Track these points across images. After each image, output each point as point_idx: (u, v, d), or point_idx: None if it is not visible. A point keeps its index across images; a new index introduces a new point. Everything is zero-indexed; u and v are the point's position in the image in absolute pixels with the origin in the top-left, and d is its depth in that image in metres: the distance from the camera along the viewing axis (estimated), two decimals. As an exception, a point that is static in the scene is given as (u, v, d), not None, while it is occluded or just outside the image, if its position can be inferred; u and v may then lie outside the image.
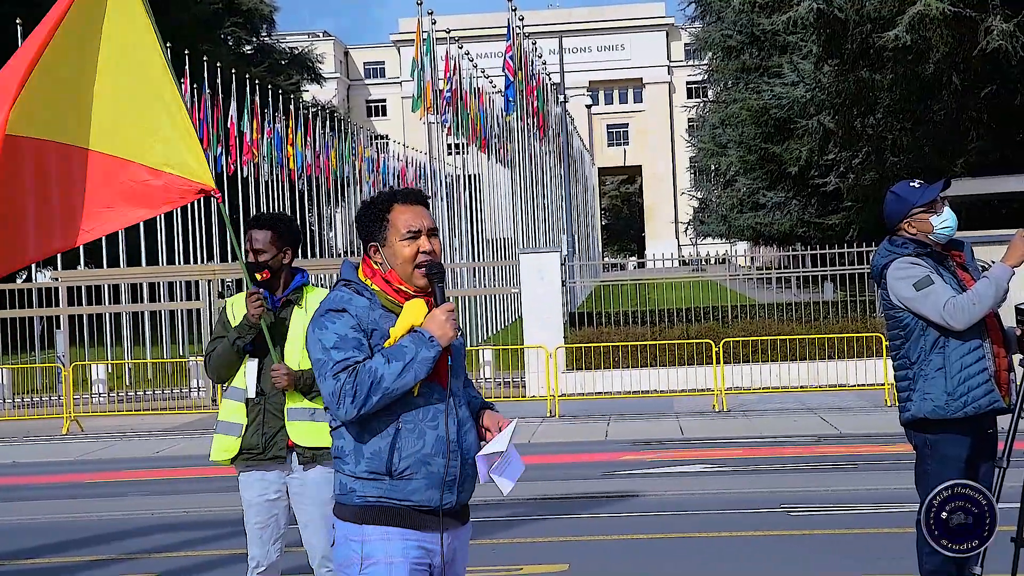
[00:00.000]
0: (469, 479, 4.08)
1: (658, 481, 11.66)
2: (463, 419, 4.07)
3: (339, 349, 3.95)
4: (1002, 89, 22.95)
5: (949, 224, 5.85)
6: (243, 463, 5.95)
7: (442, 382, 4.03)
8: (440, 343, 3.96)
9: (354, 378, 3.89)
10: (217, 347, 5.98)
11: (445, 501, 4.00)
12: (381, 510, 3.98)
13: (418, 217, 4.10)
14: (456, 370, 4.09)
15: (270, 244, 5.96)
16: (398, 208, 4.10)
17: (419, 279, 4.06)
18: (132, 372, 23.41)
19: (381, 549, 3.98)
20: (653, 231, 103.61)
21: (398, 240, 4.06)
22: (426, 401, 4.00)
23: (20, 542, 9.90)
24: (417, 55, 26.27)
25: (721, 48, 37.41)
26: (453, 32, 30.52)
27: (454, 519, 4.08)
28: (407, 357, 3.91)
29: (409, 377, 3.91)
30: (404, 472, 3.96)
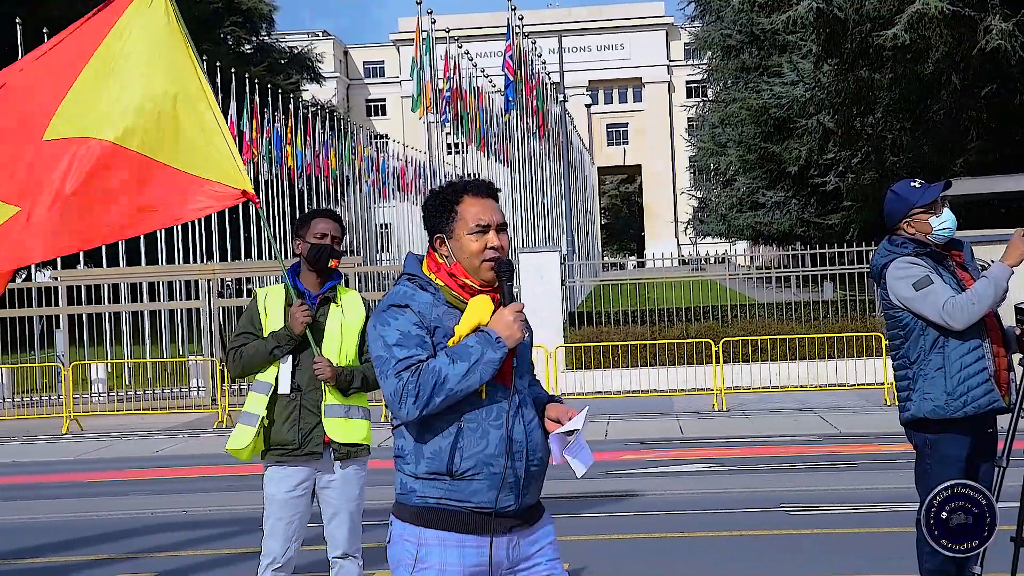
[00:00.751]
0: (534, 480, 3.94)
1: (658, 481, 11.66)
2: (528, 419, 3.94)
3: (401, 347, 3.83)
4: (1001, 89, 22.95)
5: (948, 225, 5.86)
6: (275, 458, 5.92)
7: (506, 381, 3.89)
8: (507, 344, 3.83)
9: (417, 378, 3.77)
10: (248, 347, 5.92)
11: (503, 504, 3.86)
12: (441, 513, 3.87)
13: (488, 211, 3.94)
14: (521, 368, 3.96)
15: (339, 233, 6.04)
16: (468, 200, 3.95)
17: (486, 272, 3.92)
18: (132, 372, 23.40)
19: (437, 555, 3.88)
20: (653, 231, 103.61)
21: (466, 233, 3.91)
22: (490, 400, 3.87)
23: (20, 542, 9.90)
24: (417, 55, 26.27)
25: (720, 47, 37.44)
26: (453, 31, 30.51)
27: (519, 522, 3.93)
28: (472, 358, 3.79)
29: (474, 379, 3.79)
30: (465, 473, 3.83)
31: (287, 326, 5.85)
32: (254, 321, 5.98)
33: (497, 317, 3.86)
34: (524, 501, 3.91)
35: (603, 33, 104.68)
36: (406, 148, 55.44)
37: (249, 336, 5.96)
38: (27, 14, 30.16)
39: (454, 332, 3.86)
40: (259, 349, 5.88)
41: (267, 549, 5.95)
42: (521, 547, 3.95)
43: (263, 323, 5.96)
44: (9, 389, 20.90)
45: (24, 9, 32.74)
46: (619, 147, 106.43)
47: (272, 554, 5.93)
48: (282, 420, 5.88)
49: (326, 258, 5.95)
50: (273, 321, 5.94)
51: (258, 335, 5.95)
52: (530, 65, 30.45)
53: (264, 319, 5.96)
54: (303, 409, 5.88)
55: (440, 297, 3.92)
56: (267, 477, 5.97)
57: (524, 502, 3.91)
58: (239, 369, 5.97)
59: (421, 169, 52.16)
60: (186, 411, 19.61)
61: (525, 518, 3.95)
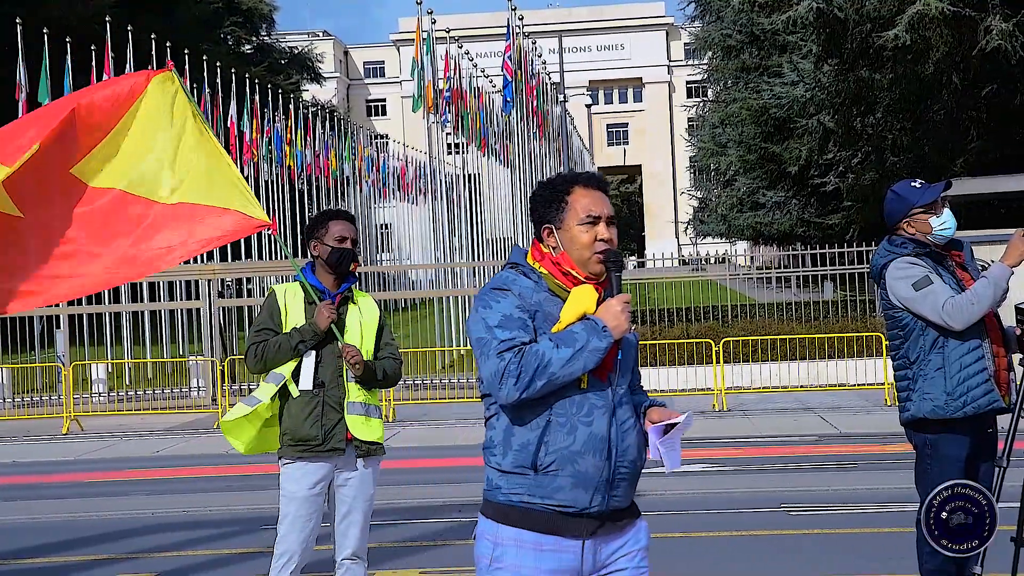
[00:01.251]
0: (623, 482, 3.85)
1: (658, 481, 11.66)
2: (622, 419, 3.83)
3: (503, 328, 3.76)
4: (1002, 89, 22.96)
5: (948, 226, 5.85)
6: (296, 454, 5.92)
7: (603, 377, 3.80)
8: (613, 334, 3.75)
9: (520, 359, 3.70)
10: (271, 342, 5.93)
11: (587, 504, 3.77)
12: (521, 512, 3.78)
13: (599, 203, 3.89)
14: (624, 367, 3.87)
15: (355, 235, 6.11)
16: (579, 191, 3.91)
17: (594, 265, 3.85)
18: (132, 372, 23.41)
19: (512, 555, 3.79)
20: (653, 231, 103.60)
21: (576, 224, 3.86)
22: (583, 395, 3.78)
23: (20, 542, 9.90)
24: (417, 55, 26.27)
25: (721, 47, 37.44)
26: (453, 31, 30.50)
27: (609, 524, 3.85)
28: (577, 344, 3.71)
29: (577, 366, 3.71)
30: (548, 467, 3.75)
31: (312, 322, 5.89)
32: (274, 317, 6.02)
33: (604, 307, 3.79)
34: (612, 503, 3.83)
35: (603, 33, 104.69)
36: (406, 148, 55.42)
37: (269, 332, 5.98)
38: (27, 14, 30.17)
39: (557, 318, 3.80)
40: (283, 344, 5.91)
41: (285, 547, 5.93)
42: (605, 551, 3.86)
43: (283, 320, 6.00)
44: (9, 389, 20.90)
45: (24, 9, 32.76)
46: (619, 147, 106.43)
47: (290, 552, 5.93)
48: (304, 416, 5.91)
49: (348, 262, 6.04)
50: (293, 318, 5.99)
51: (277, 331, 5.97)
52: (530, 65, 30.45)
53: (284, 316, 6.00)
54: (326, 406, 5.92)
55: (542, 284, 3.87)
56: (286, 474, 5.97)
57: (612, 504, 3.83)
58: (261, 364, 5.98)
59: (421, 169, 52.13)
60: (186, 411, 19.61)
61: (612, 521, 3.86)
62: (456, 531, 9.64)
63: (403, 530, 9.75)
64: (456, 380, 20.27)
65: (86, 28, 36.28)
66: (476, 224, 37.42)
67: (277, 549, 5.98)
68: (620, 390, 3.85)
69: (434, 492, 11.54)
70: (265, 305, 6.09)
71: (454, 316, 26.57)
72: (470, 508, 10.53)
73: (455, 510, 10.51)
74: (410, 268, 46.68)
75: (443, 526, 9.86)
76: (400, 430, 16.68)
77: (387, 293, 45.59)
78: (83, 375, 21.60)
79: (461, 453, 14.35)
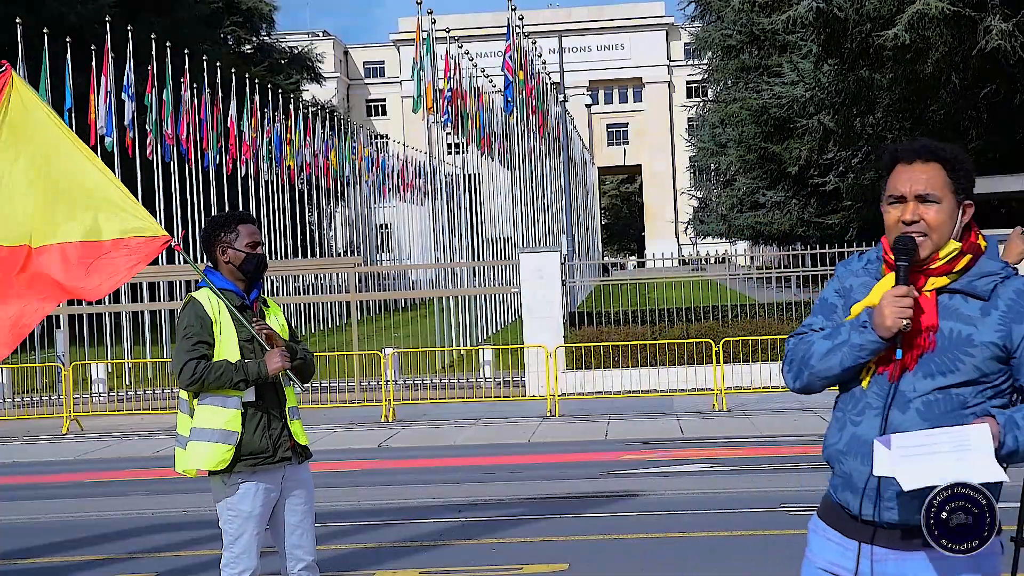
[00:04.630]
0: (898, 495, 3.46)
1: (658, 481, 11.66)
2: (897, 423, 3.44)
3: (813, 313, 3.63)
4: (1001, 89, 22.97)
5: None
6: (247, 470, 5.75)
7: (891, 376, 3.46)
8: (877, 330, 3.42)
9: (796, 346, 3.59)
10: (212, 368, 5.66)
11: (859, 509, 3.50)
12: (825, 500, 3.66)
13: (908, 180, 3.48)
14: (924, 368, 3.45)
15: (261, 238, 6.00)
16: (898, 168, 3.53)
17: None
18: (132, 372, 23.40)
19: (813, 541, 3.72)
20: (653, 231, 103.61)
21: (886, 203, 3.52)
22: (863, 392, 3.50)
23: (20, 542, 9.89)
24: (417, 55, 26.28)
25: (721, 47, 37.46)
26: (453, 31, 30.51)
27: (881, 536, 3.52)
28: (838, 339, 3.48)
29: (834, 361, 3.49)
30: (829, 462, 3.59)
31: (263, 365, 5.70)
32: (206, 327, 5.76)
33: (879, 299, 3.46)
34: (884, 515, 3.49)
35: (603, 33, 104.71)
36: (406, 148, 55.44)
37: (205, 346, 5.74)
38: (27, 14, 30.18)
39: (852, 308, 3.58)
40: (224, 375, 5.67)
41: (243, 566, 5.81)
42: (886, 565, 3.54)
43: (215, 332, 5.77)
44: (9, 389, 20.89)
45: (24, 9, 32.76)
46: (619, 147, 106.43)
47: (249, 570, 5.83)
48: (252, 429, 5.75)
49: (263, 269, 5.92)
50: (225, 330, 5.77)
51: (212, 343, 5.75)
52: (530, 65, 30.45)
53: (215, 326, 5.78)
54: (270, 415, 5.79)
55: (874, 267, 3.60)
56: (241, 494, 5.76)
57: (884, 516, 3.49)
58: (198, 386, 5.69)
59: (421, 169, 52.16)
60: (186, 411, 19.58)
61: (889, 533, 3.52)
62: (456, 531, 9.64)
63: (403, 530, 9.75)
64: (456, 380, 20.26)
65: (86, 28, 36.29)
66: (476, 224, 37.42)
67: (231, 570, 5.82)
68: (909, 392, 3.46)
69: (434, 492, 11.54)
70: (192, 314, 5.79)
71: (454, 316, 26.56)
72: (470, 508, 10.53)
73: (455, 510, 10.50)
74: (410, 268, 46.67)
75: (443, 526, 9.86)
76: (400, 430, 16.68)
77: (387, 293, 45.62)
78: (83, 375, 21.59)
79: (461, 453, 14.35)
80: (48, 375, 22.31)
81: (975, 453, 3.36)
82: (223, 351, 5.76)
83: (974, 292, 3.46)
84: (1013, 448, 3.42)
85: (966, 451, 3.36)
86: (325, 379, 20.15)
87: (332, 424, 17.40)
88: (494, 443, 15.13)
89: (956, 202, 3.49)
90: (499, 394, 19.30)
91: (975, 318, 3.44)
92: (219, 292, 5.77)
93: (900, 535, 3.53)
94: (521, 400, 18.78)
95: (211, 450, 5.71)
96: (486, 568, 8.30)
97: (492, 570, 8.27)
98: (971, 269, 3.49)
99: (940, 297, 3.48)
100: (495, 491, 11.48)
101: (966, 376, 3.43)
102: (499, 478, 12.42)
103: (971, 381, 3.43)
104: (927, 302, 3.47)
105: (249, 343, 5.79)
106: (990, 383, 3.45)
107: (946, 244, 3.48)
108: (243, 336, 5.79)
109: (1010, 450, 3.42)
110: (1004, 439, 3.39)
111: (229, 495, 5.78)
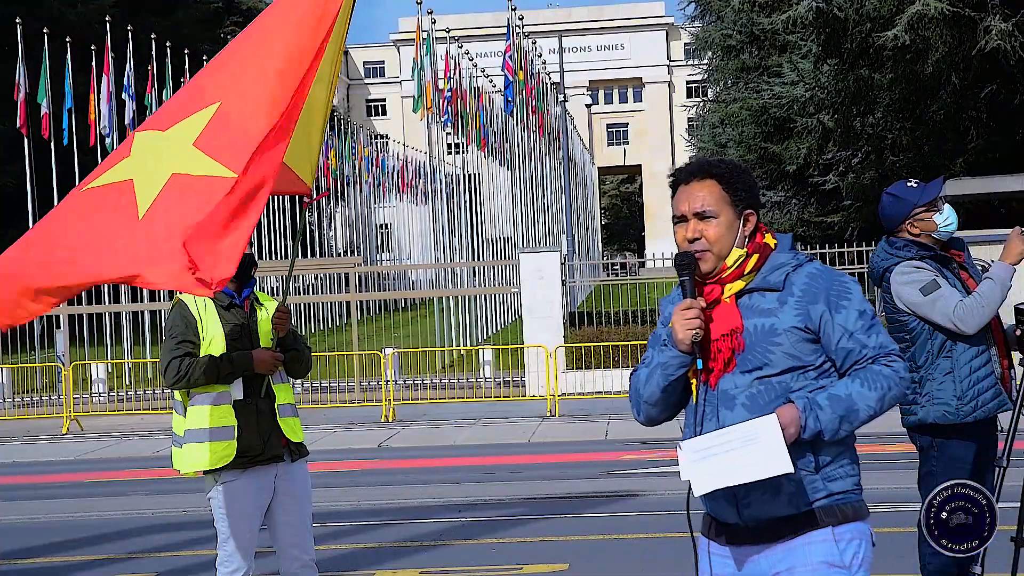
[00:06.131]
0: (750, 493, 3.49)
1: (658, 481, 11.65)
2: (733, 422, 3.48)
3: (648, 347, 3.73)
4: (1001, 89, 22.97)
5: (951, 221, 5.76)
6: (238, 468, 5.75)
7: (711, 381, 3.55)
8: (676, 347, 3.54)
9: (632, 383, 3.72)
10: (196, 363, 5.67)
11: (719, 513, 3.62)
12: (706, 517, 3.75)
13: (687, 199, 3.60)
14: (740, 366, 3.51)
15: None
16: (680, 188, 3.63)
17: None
18: (132, 372, 23.40)
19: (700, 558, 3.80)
20: (653, 231, 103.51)
21: (673, 223, 3.66)
22: (695, 404, 3.59)
23: (20, 542, 9.90)
24: (417, 55, 26.28)
25: (721, 47, 37.44)
26: (453, 31, 30.50)
27: (743, 537, 3.59)
28: (651, 363, 3.64)
29: (653, 385, 3.61)
30: None
31: (247, 356, 5.71)
32: (191, 328, 5.77)
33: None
34: (750, 512, 3.54)
35: (603, 33, 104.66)
36: (406, 148, 55.42)
37: (189, 344, 5.74)
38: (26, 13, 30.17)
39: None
40: (209, 369, 5.67)
41: (233, 566, 5.81)
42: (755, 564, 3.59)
43: (200, 331, 5.77)
44: (9, 389, 20.90)
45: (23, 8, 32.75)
46: (619, 147, 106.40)
47: (241, 569, 5.82)
48: (241, 427, 5.74)
49: (251, 268, 5.91)
50: (210, 329, 5.76)
51: (197, 343, 5.75)
52: (530, 65, 30.44)
53: (201, 327, 5.78)
54: (259, 413, 5.78)
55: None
56: (229, 493, 5.76)
57: (750, 513, 3.54)
58: (184, 383, 5.69)
59: (421, 169, 52.14)
60: (186, 411, 19.58)
61: (756, 532, 3.56)
62: (456, 531, 9.64)
63: (403, 530, 9.75)
64: (456, 380, 20.26)
65: (86, 28, 36.29)
66: (476, 224, 37.42)
67: (225, 568, 5.83)
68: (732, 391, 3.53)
69: (434, 492, 11.54)
70: (177, 316, 5.80)
71: (454, 316, 26.56)
72: (470, 508, 10.53)
73: (455, 510, 10.50)
74: (410, 268, 46.68)
75: (443, 526, 9.86)
76: (400, 430, 16.68)
77: (387, 293, 45.61)
78: (83, 375, 21.60)
79: (461, 453, 14.35)
80: (48, 375, 22.31)
81: (762, 445, 3.36)
82: (210, 350, 5.78)
83: (768, 286, 3.55)
84: (816, 429, 3.43)
85: (753, 444, 3.37)
86: (325, 379, 20.15)
87: (332, 424, 17.40)
88: (494, 443, 15.13)
89: (736, 214, 3.59)
90: (499, 394, 19.30)
91: (775, 309, 3.52)
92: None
93: (763, 534, 3.55)
94: (521, 400, 18.78)
95: (205, 449, 5.73)
96: (486, 568, 8.30)
97: (492, 570, 8.28)
98: (763, 267, 3.59)
99: (740, 300, 3.57)
100: (495, 491, 11.48)
101: (782, 365, 3.50)
102: (499, 478, 12.43)
103: (788, 368, 3.51)
104: (728, 307, 3.56)
105: (236, 341, 5.81)
106: (810, 365, 3.52)
107: (731, 253, 3.58)
108: (230, 334, 5.80)
109: (813, 431, 3.43)
110: (806, 422, 3.42)
111: (220, 494, 5.80)
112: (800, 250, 3.65)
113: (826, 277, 3.55)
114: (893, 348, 3.55)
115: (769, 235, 3.65)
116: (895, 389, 3.51)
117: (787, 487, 3.48)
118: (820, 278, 3.54)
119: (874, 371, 3.49)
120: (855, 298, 3.54)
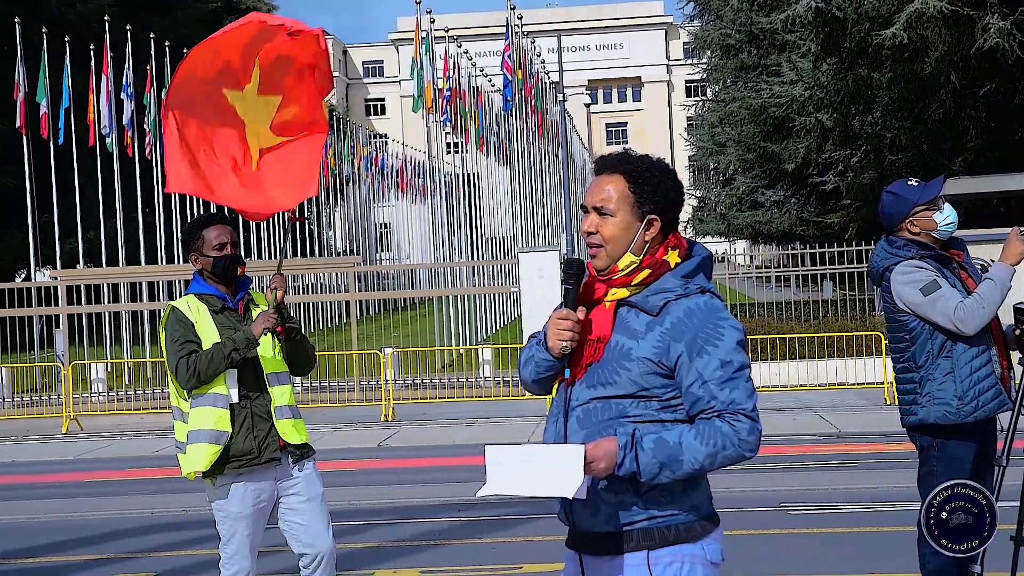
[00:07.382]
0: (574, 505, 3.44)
1: (658, 480, 11.64)
2: (570, 432, 3.44)
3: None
4: (1000, 88, 22.96)
5: (952, 220, 5.75)
6: (233, 472, 5.74)
7: (566, 385, 3.50)
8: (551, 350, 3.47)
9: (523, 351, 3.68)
10: (201, 355, 5.68)
11: (563, 519, 3.55)
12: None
13: (592, 191, 3.51)
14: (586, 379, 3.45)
15: (235, 238, 5.98)
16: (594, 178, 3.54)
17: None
18: (131, 371, 23.40)
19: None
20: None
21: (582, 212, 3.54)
22: (553, 401, 3.58)
23: (20, 542, 9.90)
24: (416, 54, 26.28)
25: (720, 47, 37.43)
26: (452, 31, 30.50)
27: (587, 546, 3.50)
28: (532, 351, 3.56)
29: (528, 371, 3.58)
30: None
31: (247, 330, 5.72)
32: (189, 329, 5.77)
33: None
34: (578, 523, 3.49)
35: (602, 32, 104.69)
36: (406, 148, 55.41)
37: (193, 343, 5.74)
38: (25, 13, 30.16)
39: None
40: (215, 355, 5.67)
41: (237, 567, 5.82)
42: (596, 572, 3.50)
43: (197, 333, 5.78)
44: (9, 389, 20.89)
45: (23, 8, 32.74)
46: (619, 146, 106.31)
47: (244, 571, 5.83)
48: (236, 430, 5.73)
49: (234, 269, 5.87)
50: (205, 334, 5.77)
51: (200, 342, 5.75)
52: (529, 64, 30.46)
53: (197, 329, 5.78)
54: (255, 416, 5.76)
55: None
56: (228, 496, 5.76)
57: (579, 525, 3.49)
58: (196, 379, 5.69)
59: (421, 169, 52.14)
60: (186, 411, 19.58)
61: (587, 543, 3.49)
62: (456, 531, 9.64)
63: (403, 530, 9.75)
64: (455, 380, 20.26)
65: (85, 27, 36.26)
66: (475, 224, 37.43)
67: (227, 570, 5.84)
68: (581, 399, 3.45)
69: (434, 492, 11.54)
70: (174, 321, 5.79)
71: (453, 316, 26.57)
72: (470, 508, 10.53)
73: (455, 510, 10.50)
74: (410, 268, 46.69)
75: (443, 526, 9.86)
76: (399, 430, 16.68)
77: (387, 293, 45.61)
78: (82, 375, 21.59)
79: (461, 453, 14.34)
80: (48, 375, 22.30)
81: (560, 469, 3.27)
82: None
83: (645, 307, 3.41)
84: (632, 469, 3.31)
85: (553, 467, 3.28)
86: (325, 379, 20.15)
87: (332, 424, 17.40)
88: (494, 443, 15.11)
89: (636, 216, 3.44)
90: (499, 394, 19.30)
91: (640, 332, 3.40)
92: (199, 296, 5.84)
93: (596, 546, 3.46)
94: (521, 400, 18.78)
95: (205, 451, 5.74)
96: (486, 568, 8.30)
97: (492, 570, 8.28)
98: (652, 284, 3.44)
99: (620, 309, 3.45)
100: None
101: (624, 389, 3.39)
102: (499, 478, 12.40)
103: (631, 394, 3.39)
104: (605, 313, 3.45)
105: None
106: (655, 396, 3.39)
107: (624, 257, 3.44)
108: (225, 333, 5.80)
109: (628, 471, 3.31)
110: (623, 460, 3.30)
111: (219, 497, 5.81)
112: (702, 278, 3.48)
113: (701, 317, 3.37)
114: (744, 407, 3.35)
115: (675, 252, 3.47)
116: (730, 450, 3.34)
117: (606, 505, 3.39)
118: (695, 316, 3.37)
119: (714, 426, 3.33)
120: (723, 346, 3.35)
